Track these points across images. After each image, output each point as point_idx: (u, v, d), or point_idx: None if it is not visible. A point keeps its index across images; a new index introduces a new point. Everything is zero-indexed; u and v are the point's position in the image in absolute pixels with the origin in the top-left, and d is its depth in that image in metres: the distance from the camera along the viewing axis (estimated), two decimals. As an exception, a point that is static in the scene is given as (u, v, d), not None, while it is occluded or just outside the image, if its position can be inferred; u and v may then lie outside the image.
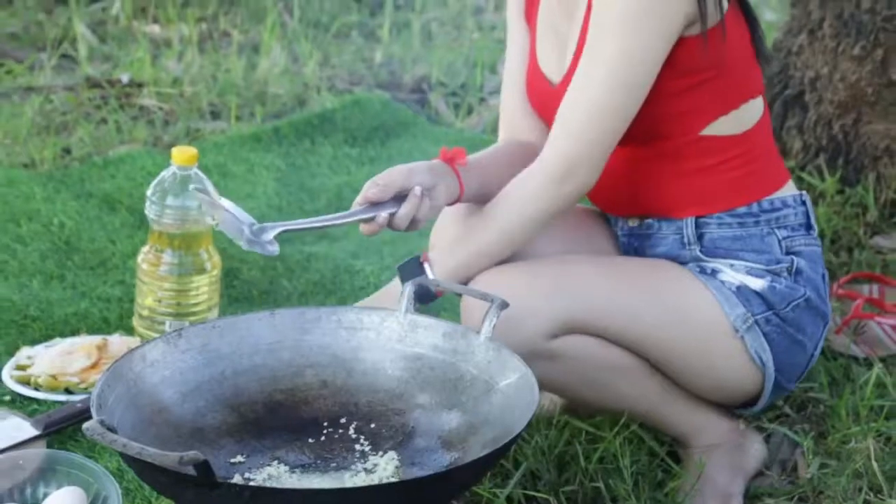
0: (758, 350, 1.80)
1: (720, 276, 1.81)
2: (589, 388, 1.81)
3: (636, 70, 1.72)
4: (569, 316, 1.73)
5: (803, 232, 1.85)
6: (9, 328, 2.18)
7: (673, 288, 1.80)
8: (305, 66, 3.50)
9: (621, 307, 1.76)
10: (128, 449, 1.40)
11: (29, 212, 2.55)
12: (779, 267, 1.81)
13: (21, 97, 3.24)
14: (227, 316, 1.89)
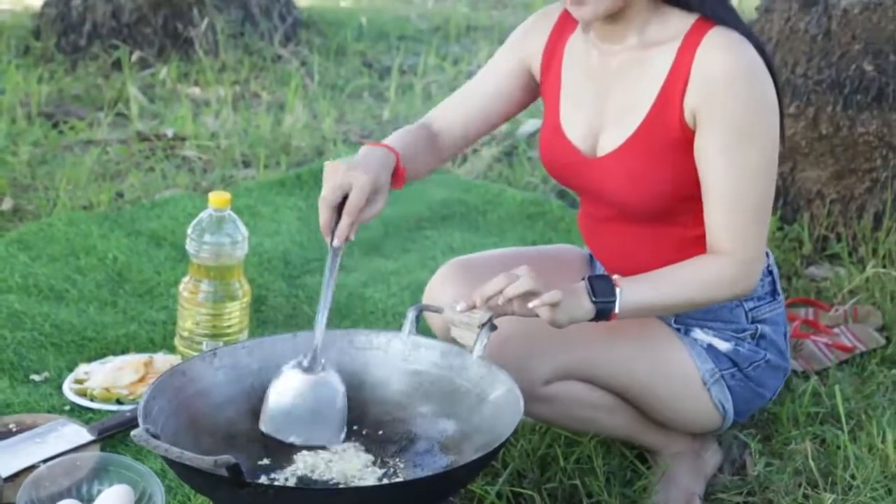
0: (721, 400, 1.76)
1: (692, 334, 1.77)
2: (575, 424, 1.77)
3: (774, 166, 1.65)
4: (565, 365, 1.69)
5: (769, 299, 1.78)
6: (69, 347, 2.16)
7: (655, 343, 1.75)
8: (324, 122, 3.49)
9: (611, 358, 1.72)
10: (169, 453, 1.38)
11: (87, 247, 2.54)
12: (744, 334, 1.76)
13: (82, 149, 3.23)
14: (255, 337, 1.86)
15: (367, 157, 1.65)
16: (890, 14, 2.53)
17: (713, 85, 1.59)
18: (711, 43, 1.60)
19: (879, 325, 2.30)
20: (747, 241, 1.63)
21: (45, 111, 3.52)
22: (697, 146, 1.63)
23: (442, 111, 1.85)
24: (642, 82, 1.66)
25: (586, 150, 1.72)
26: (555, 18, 1.79)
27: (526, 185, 3.14)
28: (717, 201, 1.63)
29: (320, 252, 2.65)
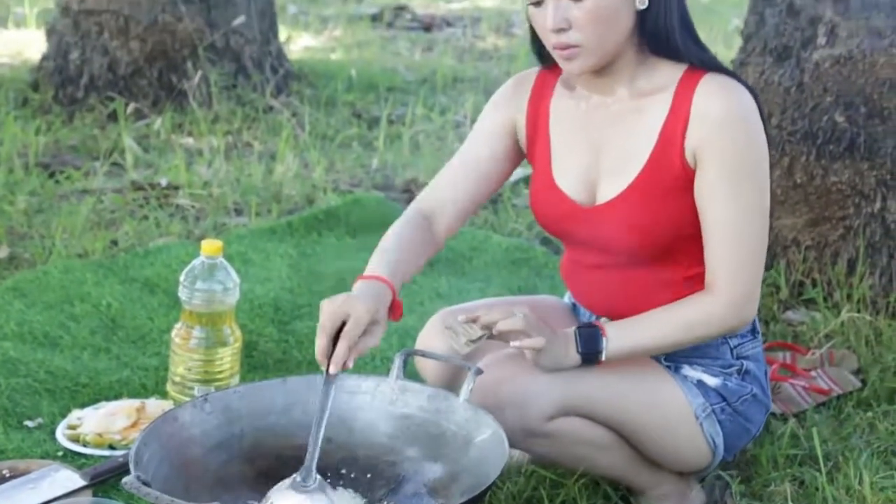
0: (713, 435, 1.76)
1: (682, 371, 1.78)
2: (573, 461, 1.76)
3: (768, 205, 1.67)
4: (565, 402, 1.68)
5: (750, 337, 1.80)
6: (63, 393, 2.15)
7: (649, 379, 1.75)
8: (314, 170, 3.50)
9: (609, 395, 1.71)
10: (160, 501, 1.37)
11: (81, 294, 2.53)
12: (730, 369, 1.78)
13: (77, 198, 3.23)
14: (246, 383, 1.86)
15: (364, 292, 1.64)
16: (860, 68, 2.56)
17: (713, 124, 1.63)
18: (709, 86, 1.64)
19: (855, 368, 2.31)
20: (744, 277, 1.65)
21: (42, 161, 3.52)
22: (698, 183, 1.66)
23: (433, 195, 1.84)
24: (639, 129, 1.69)
25: (583, 201, 1.73)
26: (532, 82, 1.81)
27: (511, 231, 3.15)
28: (716, 236, 1.65)
29: (310, 298, 2.65)
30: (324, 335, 1.60)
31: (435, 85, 4.81)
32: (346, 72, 4.78)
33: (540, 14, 1.65)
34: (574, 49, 1.63)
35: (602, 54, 1.64)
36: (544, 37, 1.67)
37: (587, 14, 1.61)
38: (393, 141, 3.95)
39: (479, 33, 6.29)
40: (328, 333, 1.60)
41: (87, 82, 4.07)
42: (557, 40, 1.63)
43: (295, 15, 6.44)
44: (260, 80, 4.26)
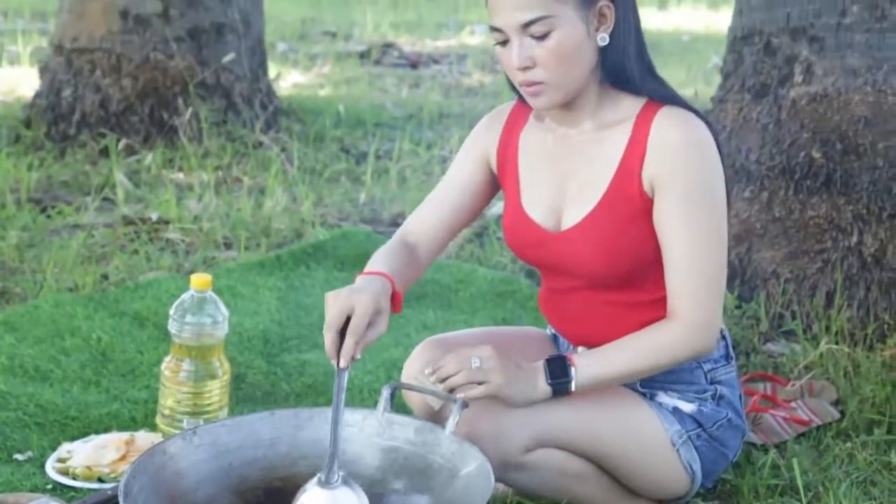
0: (690, 461, 1.77)
1: (657, 398, 1.79)
2: (553, 492, 1.76)
3: (725, 230, 1.70)
4: (542, 433, 1.69)
5: (724, 363, 1.81)
6: (52, 427, 2.13)
7: (625, 409, 1.76)
8: (303, 205, 3.51)
9: (584, 425, 1.72)
10: (148, 533, 1.36)
11: (72, 328, 2.52)
12: (705, 395, 1.79)
13: (69, 233, 3.22)
14: (234, 416, 1.85)
15: (366, 285, 1.68)
16: (835, 105, 2.59)
17: (669, 154, 1.67)
18: (665, 117, 1.69)
19: (834, 399, 2.31)
20: (704, 300, 1.68)
21: (34, 197, 3.52)
22: (656, 211, 1.69)
23: (415, 223, 1.89)
24: (601, 159, 1.73)
25: (550, 227, 1.77)
26: (506, 116, 1.87)
27: (496, 264, 3.15)
28: (676, 262, 1.68)
29: (298, 331, 2.65)
30: (331, 331, 1.63)
31: (421, 120, 4.83)
32: (335, 108, 4.80)
33: (506, 53, 1.68)
34: (539, 86, 1.67)
35: (566, 90, 1.69)
36: (512, 74, 1.71)
37: (550, 52, 1.65)
38: (380, 175, 3.96)
39: (465, 70, 6.33)
40: (335, 329, 1.63)
41: (80, 119, 4.08)
42: (524, 77, 1.68)
43: (284, 52, 6.47)
44: (250, 116, 4.28)
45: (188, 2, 4.16)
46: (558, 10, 1.63)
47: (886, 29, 2.55)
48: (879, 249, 2.54)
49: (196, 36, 4.18)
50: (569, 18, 1.64)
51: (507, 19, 1.65)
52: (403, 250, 1.84)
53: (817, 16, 2.62)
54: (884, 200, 2.54)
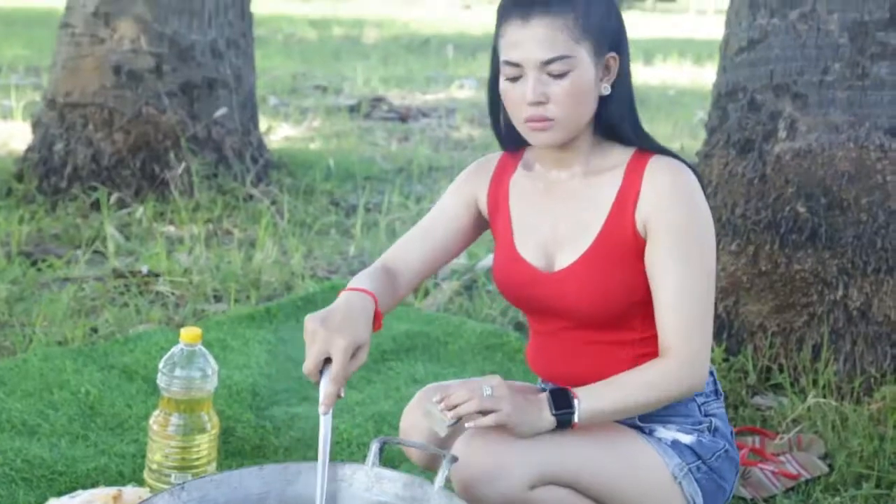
0: (692, 494, 1.78)
1: (656, 433, 1.80)
2: None
3: (713, 271, 1.75)
4: (545, 470, 1.68)
5: (714, 397, 1.85)
6: (39, 482, 2.11)
7: (627, 445, 1.77)
8: (292, 257, 3.51)
9: (588, 463, 1.72)
10: (135, 590, 1.34)
11: (60, 382, 2.51)
12: (701, 426, 1.81)
13: (59, 286, 3.21)
14: (223, 471, 1.83)
15: (347, 311, 1.70)
16: (819, 161, 2.62)
17: (662, 198, 1.73)
18: (658, 165, 1.76)
19: (822, 452, 2.31)
20: (693, 338, 1.71)
21: (24, 250, 3.52)
22: (648, 251, 1.74)
23: (398, 252, 1.92)
24: (593, 202, 1.78)
25: (542, 267, 1.82)
26: (494, 163, 1.92)
27: (485, 317, 3.15)
28: (667, 300, 1.72)
29: (288, 384, 2.64)
30: (310, 376, 1.67)
31: (411, 174, 4.86)
32: (325, 161, 4.82)
33: (516, 88, 1.72)
34: (548, 122, 1.72)
35: (570, 130, 1.74)
36: (517, 109, 1.74)
37: (565, 91, 1.70)
38: (370, 228, 3.98)
39: (454, 124, 6.38)
40: (315, 376, 1.67)
41: (71, 172, 4.09)
42: (534, 112, 1.72)
43: (275, 106, 6.52)
44: (240, 170, 4.30)
45: (180, 57, 4.20)
46: (577, 53, 1.70)
47: (868, 86, 2.59)
48: (865, 303, 2.56)
49: (188, 91, 4.21)
50: (584, 62, 1.71)
51: (528, 54, 1.70)
52: (384, 276, 1.86)
53: (800, 73, 2.66)
54: (868, 255, 2.56)
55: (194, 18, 4.23)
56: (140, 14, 4.14)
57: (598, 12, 1.73)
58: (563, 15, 1.70)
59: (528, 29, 1.71)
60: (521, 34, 1.71)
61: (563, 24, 1.70)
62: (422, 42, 10.53)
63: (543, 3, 1.71)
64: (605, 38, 1.74)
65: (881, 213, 2.56)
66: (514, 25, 1.72)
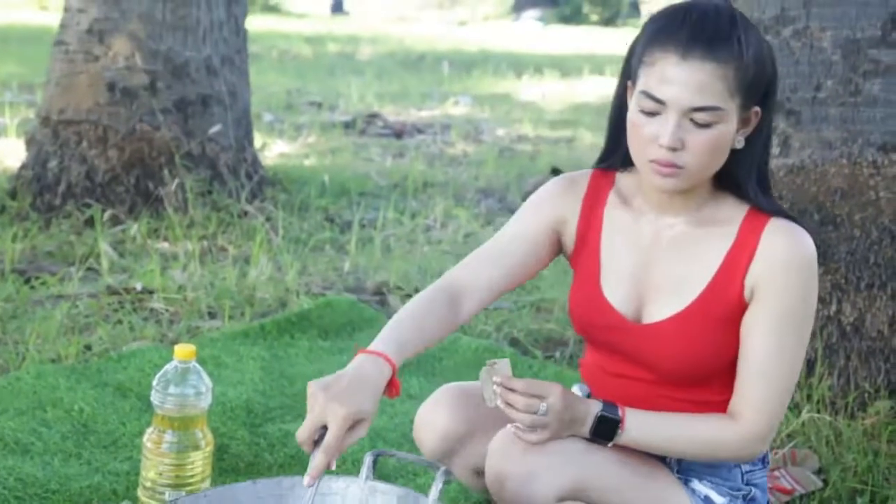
0: None
1: (691, 484, 1.77)
2: None
3: (804, 352, 1.69)
4: (575, 486, 1.66)
5: (761, 466, 1.80)
6: (32, 501, 2.11)
7: (659, 484, 1.73)
8: (287, 274, 3.52)
9: (618, 489, 1.69)
10: None
11: (54, 400, 2.51)
12: (738, 493, 1.77)
13: (52, 304, 3.21)
14: (217, 486, 1.84)
15: (353, 379, 1.59)
16: (812, 177, 2.63)
17: (777, 266, 1.64)
18: (777, 228, 1.66)
19: (816, 467, 2.32)
20: (771, 414, 1.67)
21: (17, 268, 3.51)
22: (747, 318, 1.67)
23: (465, 273, 1.79)
24: (699, 257, 1.68)
25: (629, 314, 1.73)
26: (584, 187, 1.79)
27: (480, 332, 3.16)
28: (752, 374, 1.66)
29: (282, 401, 2.64)
30: (303, 444, 1.59)
31: (406, 190, 4.87)
32: (320, 177, 4.84)
33: (652, 125, 1.60)
34: (677, 169, 1.60)
35: (696, 180, 1.63)
36: (645, 146, 1.62)
37: (705, 143, 1.59)
38: (364, 244, 3.98)
39: (449, 140, 6.40)
40: (309, 446, 1.58)
41: (65, 190, 4.09)
42: (664, 157, 1.60)
43: (270, 122, 6.53)
44: (235, 186, 4.31)
45: (175, 74, 4.21)
46: (728, 106, 1.58)
47: (860, 103, 2.61)
48: (858, 318, 2.57)
49: (182, 108, 4.22)
50: (731, 116, 1.59)
51: (678, 98, 1.57)
52: (443, 303, 1.74)
53: (794, 90, 2.68)
54: (861, 270, 2.57)
55: (189, 35, 4.24)
56: (134, 31, 4.15)
57: (759, 65, 1.60)
58: (725, 64, 1.56)
59: (684, 69, 1.56)
60: (676, 73, 1.56)
61: (723, 74, 1.56)
62: (417, 58, 10.56)
63: (708, 45, 1.56)
64: (756, 92, 1.62)
65: (874, 229, 2.57)
66: (669, 59, 1.57)
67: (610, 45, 12.60)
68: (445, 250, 3.94)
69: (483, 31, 14.42)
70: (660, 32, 1.60)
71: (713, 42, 1.57)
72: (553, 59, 10.62)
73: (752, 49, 1.59)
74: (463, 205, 4.64)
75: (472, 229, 4.25)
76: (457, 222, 4.37)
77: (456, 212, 4.48)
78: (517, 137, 6.59)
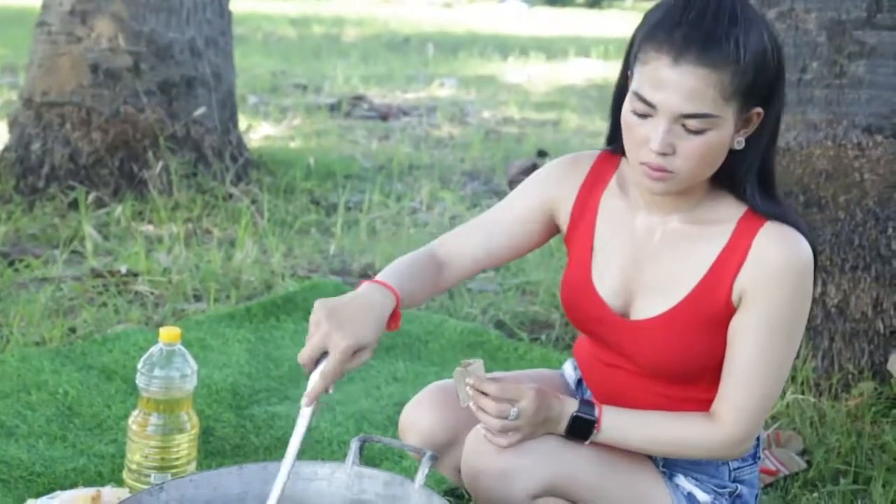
0: None
1: (675, 479, 1.76)
2: None
3: (792, 358, 1.65)
4: (553, 483, 1.65)
5: (751, 462, 1.78)
6: (17, 483, 2.11)
7: (641, 480, 1.72)
8: (272, 257, 3.51)
9: (596, 484, 1.68)
10: (114, 591, 1.34)
11: (38, 383, 2.50)
12: (724, 491, 1.75)
13: (36, 286, 3.19)
14: (202, 471, 1.84)
15: (359, 307, 1.58)
16: (797, 159, 2.64)
17: (767, 273, 1.59)
18: (771, 232, 1.60)
19: (800, 448, 2.33)
20: (750, 418, 1.64)
21: (1, 250, 3.49)
22: (735, 323, 1.63)
23: (453, 240, 1.78)
24: (691, 256, 1.65)
25: (617, 308, 1.71)
26: (586, 170, 1.75)
27: (466, 315, 3.16)
28: (736, 377, 1.63)
29: (268, 383, 2.64)
30: (303, 365, 1.59)
31: (391, 172, 4.86)
32: (305, 160, 4.81)
33: (643, 126, 1.55)
34: (667, 174, 1.56)
35: (688, 184, 1.59)
36: (637, 148, 1.57)
37: (696, 149, 1.54)
38: (350, 227, 3.97)
39: (435, 122, 6.38)
40: (310, 367, 1.58)
41: (49, 172, 4.07)
42: (655, 161, 1.55)
43: (255, 105, 6.50)
44: (220, 169, 4.28)
45: (159, 56, 4.18)
46: (723, 112, 1.52)
47: (845, 85, 2.61)
48: (843, 300, 2.58)
49: (166, 90, 4.20)
50: (727, 122, 1.53)
51: (668, 102, 1.51)
52: (428, 264, 1.73)
53: (778, 71, 2.67)
54: (846, 252, 2.58)
55: (172, 16, 4.21)
56: (117, 12, 4.12)
57: (759, 67, 1.52)
58: (720, 69, 1.49)
59: (676, 72, 1.49)
60: (667, 76, 1.50)
61: (717, 80, 1.49)
62: (402, 41, 10.52)
63: (703, 48, 1.48)
64: (756, 94, 1.54)
65: (858, 210, 2.58)
66: (661, 61, 1.51)
67: (595, 28, 12.58)
68: (431, 232, 3.93)
69: (469, 13, 14.37)
70: (657, 28, 1.53)
71: (708, 45, 1.49)
72: (539, 41, 10.59)
73: (751, 50, 1.51)
74: (449, 187, 4.63)
75: (458, 212, 4.24)
76: (443, 205, 4.36)
77: (442, 194, 4.47)
78: (503, 120, 6.58)
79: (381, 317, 1.59)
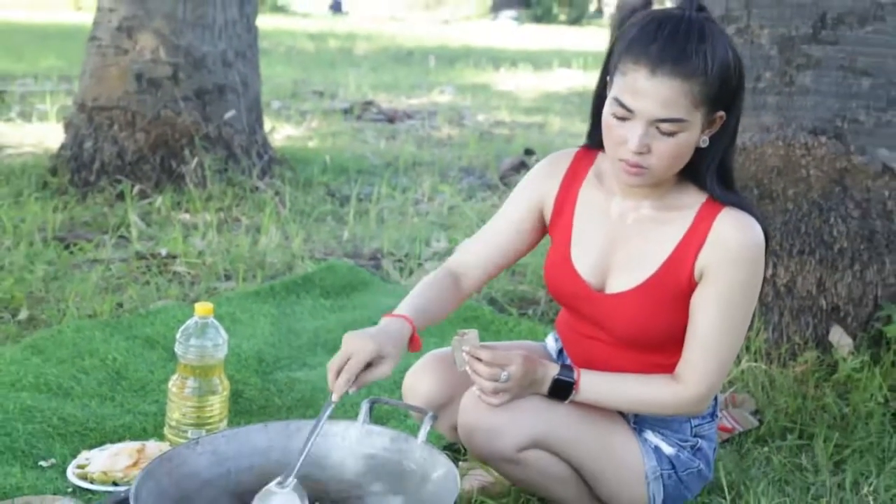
0: (654, 493, 1.75)
1: (644, 434, 1.77)
2: (535, 487, 1.75)
3: (747, 325, 1.66)
4: (536, 437, 1.67)
5: (709, 420, 1.79)
6: (73, 437, 2.11)
7: (614, 434, 1.73)
8: (293, 241, 3.50)
9: (575, 439, 1.70)
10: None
11: (91, 350, 2.50)
12: (686, 444, 1.77)
13: (88, 267, 3.19)
14: (232, 427, 1.84)
15: (380, 329, 1.63)
16: (752, 157, 2.63)
17: (725, 252, 1.60)
18: (728, 217, 1.62)
19: (753, 409, 2.33)
20: (710, 379, 1.65)
21: (58, 236, 3.49)
22: (696, 296, 1.64)
23: (465, 255, 1.82)
24: (657, 238, 1.66)
25: (594, 284, 1.71)
26: (565, 166, 1.77)
27: (462, 294, 3.15)
28: (697, 343, 1.64)
29: (289, 352, 2.63)
30: (330, 372, 1.61)
31: (398, 168, 4.85)
32: (322, 157, 4.81)
33: (622, 128, 1.56)
34: (643, 170, 1.57)
35: (661, 178, 1.61)
36: (615, 147, 1.58)
37: (669, 149, 1.55)
38: (361, 216, 3.97)
39: (435, 125, 6.36)
40: (334, 371, 1.60)
41: (99, 167, 4.06)
42: (632, 158, 1.56)
43: (278, 109, 6.48)
44: (247, 165, 4.28)
45: (194, 66, 4.17)
46: (692, 117, 1.54)
47: (794, 92, 2.60)
48: (790, 280, 2.58)
49: (201, 95, 4.19)
50: (695, 125, 1.55)
51: (645, 108, 1.52)
52: (447, 281, 1.77)
53: (735, 80, 2.66)
54: (794, 238, 2.58)
55: (206, 32, 4.20)
56: (159, 28, 4.11)
57: (724, 77, 1.54)
58: (691, 80, 1.50)
59: (652, 83, 1.51)
60: (644, 85, 1.51)
61: (688, 90, 1.51)
62: (407, 53, 10.48)
63: (675, 61, 1.50)
64: (721, 101, 1.56)
65: (805, 202, 2.58)
66: (639, 72, 1.52)
67: (576, 42, 12.54)
68: (432, 221, 3.93)
69: (465, 29, 14.31)
70: (634, 43, 1.54)
71: (680, 60, 1.51)
72: (527, 54, 10.56)
73: (717, 64, 1.53)
74: (447, 181, 4.62)
75: (456, 203, 4.24)
76: (442, 196, 4.36)
77: (441, 187, 4.47)
78: (495, 122, 6.56)
79: (399, 339, 1.64)
